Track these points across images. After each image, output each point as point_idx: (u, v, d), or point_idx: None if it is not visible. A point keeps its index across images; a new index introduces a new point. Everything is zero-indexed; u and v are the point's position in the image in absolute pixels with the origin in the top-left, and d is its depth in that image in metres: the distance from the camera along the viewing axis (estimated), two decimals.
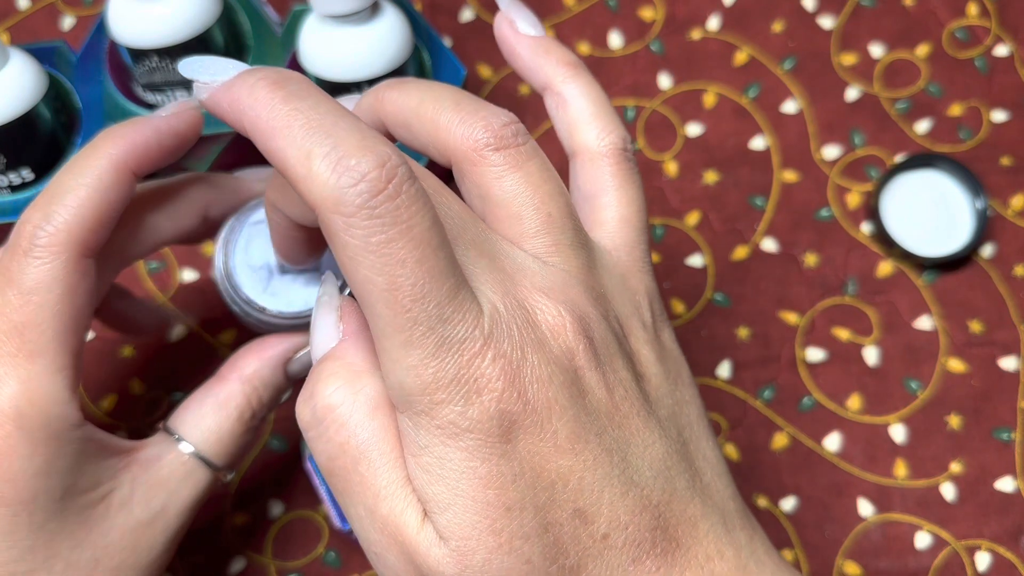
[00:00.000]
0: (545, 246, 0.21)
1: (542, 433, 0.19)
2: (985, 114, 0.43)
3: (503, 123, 0.22)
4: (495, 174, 0.21)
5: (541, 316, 0.20)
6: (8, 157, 0.36)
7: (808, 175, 0.42)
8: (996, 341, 0.40)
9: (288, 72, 0.20)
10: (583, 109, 0.24)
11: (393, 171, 0.18)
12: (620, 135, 0.24)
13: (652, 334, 0.22)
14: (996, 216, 0.42)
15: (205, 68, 0.20)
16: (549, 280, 0.20)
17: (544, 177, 0.22)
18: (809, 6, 0.45)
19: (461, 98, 0.22)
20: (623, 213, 0.23)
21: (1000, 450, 0.39)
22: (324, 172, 0.18)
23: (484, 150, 0.21)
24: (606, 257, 0.23)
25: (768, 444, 0.39)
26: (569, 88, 0.24)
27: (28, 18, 0.45)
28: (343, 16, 0.34)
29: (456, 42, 0.44)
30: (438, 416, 0.19)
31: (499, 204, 0.22)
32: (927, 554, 0.37)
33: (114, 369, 0.39)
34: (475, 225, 0.21)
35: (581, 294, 0.21)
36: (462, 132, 0.21)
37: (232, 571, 0.37)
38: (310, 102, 0.19)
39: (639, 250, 0.23)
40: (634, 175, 0.24)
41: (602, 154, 0.23)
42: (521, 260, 0.21)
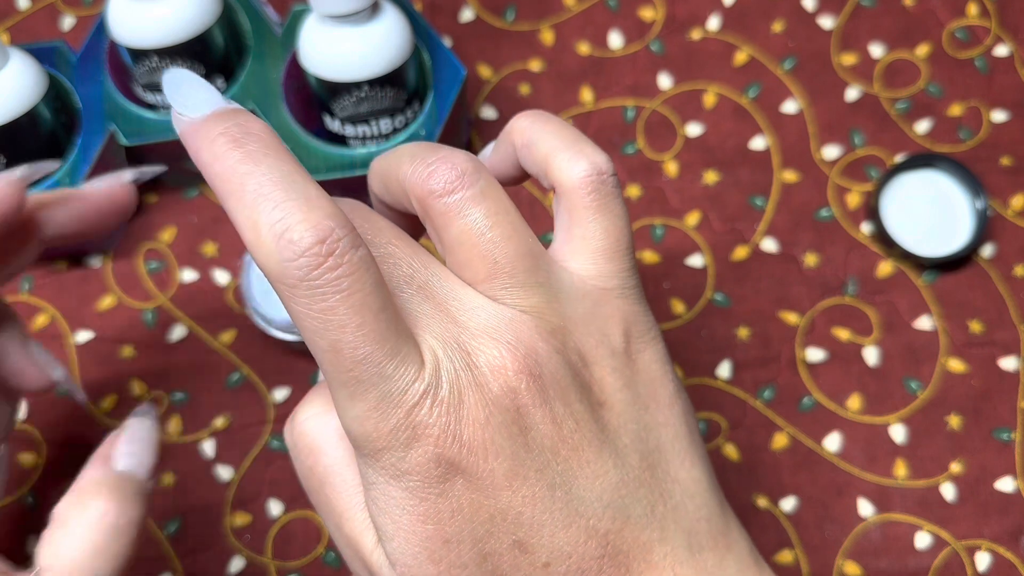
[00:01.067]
0: (495, 289, 0.22)
1: (479, 472, 0.20)
2: (985, 114, 0.43)
3: (450, 168, 0.22)
4: (442, 222, 0.22)
5: (483, 358, 0.20)
6: (8, 156, 0.36)
7: (808, 175, 0.42)
8: (996, 341, 0.40)
9: (252, 127, 0.20)
10: (547, 145, 0.24)
11: (334, 244, 0.18)
12: (589, 163, 0.23)
13: (623, 360, 0.23)
14: (996, 216, 0.42)
15: (183, 94, 0.20)
16: (496, 320, 0.21)
17: (491, 222, 0.22)
18: (809, 6, 0.45)
19: (419, 148, 0.23)
20: (597, 244, 0.23)
21: (1000, 450, 0.39)
22: (268, 244, 0.19)
23: (430, 198, 0.22)
24: (575, 288, 0.23)
25: (768, 444, 0.39)
26: (528, 131, 0.24)
27: (28, 18, 0.45)
28: (343, 16, 0.34)
29: (456, 42, 0.44)
30: (381, 460, 0.20)
31: (450, 250, 0.22)
32: (927, 554, 0.37)
33: (114, 369, 0.39)
34: (427, 270, 0.22)
35: (531, 331, 0.21)
36: (414, 181, 0.22)
37: (232, 571, 0.37)
38: (265, 166, 0.19)
39: (616, 278, 0.23)
40: (609, 202, 0.23)
41: (573, 186, 0.23)
42: (471, 302, 0.21)
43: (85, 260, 0.41)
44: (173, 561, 0.37)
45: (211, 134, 0.20)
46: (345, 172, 0.37)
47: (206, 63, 0.37)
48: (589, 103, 0.43)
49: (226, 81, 0.38)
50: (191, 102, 0.20)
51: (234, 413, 0.39)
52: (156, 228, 0.41)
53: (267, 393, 0.39)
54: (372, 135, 0.37)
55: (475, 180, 0.22)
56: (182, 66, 0.36)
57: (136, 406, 0.29)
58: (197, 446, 0.38)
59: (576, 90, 0.43)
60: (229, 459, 0.38)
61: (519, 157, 0.25)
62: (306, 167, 0.37)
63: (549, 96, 0.43)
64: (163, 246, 0.41)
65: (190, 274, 0.41)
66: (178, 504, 0.38)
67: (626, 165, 0.42)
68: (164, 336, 0.40)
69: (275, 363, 0.39)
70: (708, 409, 0.39)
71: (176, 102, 0.20)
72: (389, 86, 0.36)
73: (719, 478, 0.38)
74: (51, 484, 0.38)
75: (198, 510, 0.38)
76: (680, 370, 0.40)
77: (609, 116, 0.43)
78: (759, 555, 0.24)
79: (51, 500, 0.38)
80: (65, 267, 0.41)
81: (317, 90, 0.36)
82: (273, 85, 0.38)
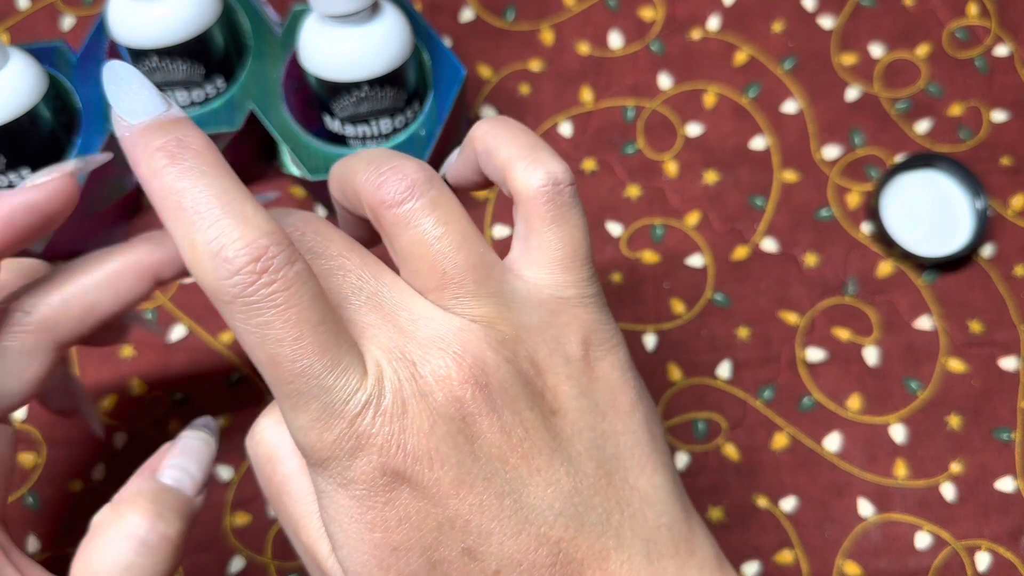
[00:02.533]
0: (445, 299, 0.22)
1: (424, 481, 0.20)
2: (985, 114, 0.43)
3: (400, 178, 0.22)
4: (393, 232, 0.22)
5: (428, 368, 0.21)
6: (8, 157, 0.36)
7: (808, 175, 0.42)
8: (996, 341, 0.40)
9: (190, 140, 0.20)
10: (505, 153, 0.24)
11: (269, 261, 0.19)
12: (545, 172, 0.23)
13: (579, 367, 0.23)
14: (996, 216, 0.42)
15: (123, 96, 0.20)
16: (444, 330, 0.21)
17: (441, 232, 0.22)
18: (809, 6, 0.45)
19: (375, 156, 0.23)
20: (553, 254, 0.23)
21: (1000, 450, 0.39)
22: (204, 261, 0.19)
23: (381, 208, 0.22)
24: (530, 297, 0.23)
25: (768, 444, 0.39)
26: (487, 138, 0.24)
27: (28, 18, 0.45)
28: (343, 16, 0.34)
29: (456, 42, 0.44)
30: (328, 469, 0.20)
31: (401, 260, 0.22)
32: (927, 554, 0.37)
33: (114, 369, 0.39)
34: (376, 280, 0.22)
35: (479, 340, 0.21)
36: (367, 190, 0.22)
37: (232, 571, 0.37)
38: (202, 183, 0.19)
39: (574, 287, 0.23)
40: (566, 211, 0.23)
41: (530, 196, 0.23)
42: (421, 312, 0.21)
43: None
44: None
45: (149, 147, 0.20)
46: None
47: (206, 63, 0.37)
48: (589, 103, 0.43)
49: (226, 81, 0.38)
50: (131, 106, 0.20)
51: (234, 413, 0.39)
52: (156, 228, 0.41)
53: (267, 393, 0.39)
54: (372, 135, 0.37)
55: (426, 190, 0.22)
56: (183, 66, 0.36)
57: (136, 406, 0.29)
58: None
59: (576, 90, 0.43)
60: (229, 459, 0.38)
61: (479, 164, 0.25)
62: (306, 167, 0.38)
63: (549, 96, 0.43)
64: None
65: None
66: None
67: (626, 165, 0.42)
68: (164, 336, 0.40)
69: None
70: (708, 409, 0.39)
71: (115, 103, 0.20)
72: (389, 86, 0.36)
73: (719, 478, 0.38)
74: (51, 484, 0.38)
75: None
76: (680, 370, 0.40)
77: (609, 116, 0.43)
78: (724, 560, 0.23)
79: (51, 500, 0.38)
80: None
81: (317, 90, 0.36)
82: (273, 85, 0.38)
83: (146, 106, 0.20)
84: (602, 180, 0.42)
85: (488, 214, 0.42)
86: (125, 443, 0.38)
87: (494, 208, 0.42)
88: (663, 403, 0.39)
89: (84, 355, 0.39)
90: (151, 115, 0.20)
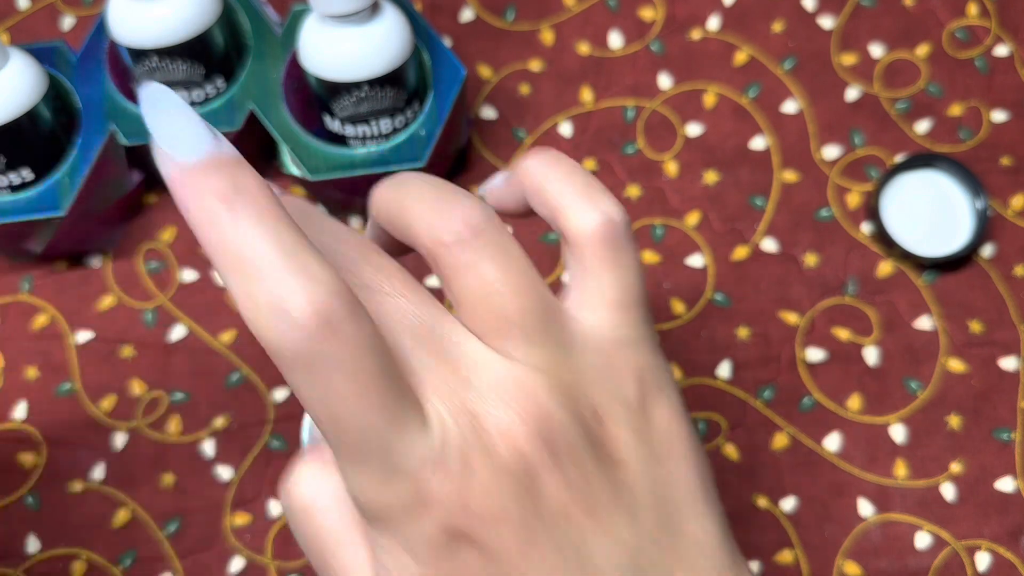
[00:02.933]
0: (505, 345, 0.21)
1: (489, 540, 0.20)
2: (985, 114, 0.43)
3: (460, 219, 0.21)
4: (450, 274, 0.21)
5: (491, 421, 0.20)
6: (8, 157, 0.36)
7: (808, 175, 0.42)
8: (996, 341, 0.40)
9: (245, 182, 0.18)
10: (557, 192, 0.23)
11: (333, 319, 0.18)
12: (599, 213, 0.23)
13: (638, 414, 0.22)
14: (996, 216, 0.42)
15: (165, 125, 0.18)
16: (505, 379, 0.21)
17: (502, 276, 0.21)
18: (809, 6, 0.45)
19: (427, 189, 0.22)
20: (609, 296, 0.23)
21: (1000, 450, 0.39)
22: (265, 318, 0.18)
23: (438, 248, 0.21)
24: (588, 340, 0.22)
25: (768, 444, 0.39)
26: (537, 175, 0.24)
27: (28, 18, 0.45)
28: (343, 16, 0.34)
29: (456, 42, 0.44)
30: (389, 527, 0.20)
31: (459, 302, 0.22)
32: (927, 554, 0.37)
33: (114, 369, 0.39)
34: (434, 323, 0.21)
35: (541, 390, 0.21)
36: (421, 227, 0.22)
37: (232, 571, 0.37)
38: (262, 233, 0.18)
39: (629, 329, 0.23)
40: (621, 254, 0.23)
41: (585, 238, 0.23)
42: (480, 358, 0.21)
43: (85, 260, 0.41)
44: (173, 561, 0.37)
45: (201, 191, 0.18)
46: (345, 172, 0.37)
47: (206, 63, 0.37)
48: (589, 103, 0.43)
49: (226, 81, 0.38)
50: (176, 141, 0.18)
51: (234, 413, 0.39)
52: (156, 228, 0.41)
53: (267, 393, 0.39)
54: (372, 135, 0.37)
55: (486, 231, 0.21)
56: (183, 66, 0.36)
57: (136, 406, 0.28)
58: (197, 446, 0.38)
59: (576, 90, 0.43)
60: (229, 459, 0.38)
61: (528, 198, 0.24)
62: (306, 167, 0.38)
63: (549, 96, 0.43)
64: (163, 246, 0.41)
65: (190, 274, 0.41)
66: (178, 504, 0.38)
67: (626, 165, 0.42)
68: (164, 336, 0.40)
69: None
70: (708, 409, 0.39)
71: (157, 134, 0.18)
72: (389, 86, 0.36)
73: (718, 478, 0.38)
74: (51, 484, 0.38)
75: (198, 510, 0.38)
76: (680, 370, 0.40)
77: (609, 116, 0.43)
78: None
79: (51, 500, 0.38)
80: (65, 267, 0.41)
81: (317, 90, 0.36)
82: (273, 85, 0.38)
83: (193, 141, 0.18)
84: (602, 180, 0.42)
85: None
86: (125, 443, 0.38)
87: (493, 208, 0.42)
88: None
89: (84, 355, 0.39)
90: (200, 152, 0.18)
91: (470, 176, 0.42)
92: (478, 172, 0.42)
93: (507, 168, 0.25)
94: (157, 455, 0.38)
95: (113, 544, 0.37)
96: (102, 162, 0.37)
